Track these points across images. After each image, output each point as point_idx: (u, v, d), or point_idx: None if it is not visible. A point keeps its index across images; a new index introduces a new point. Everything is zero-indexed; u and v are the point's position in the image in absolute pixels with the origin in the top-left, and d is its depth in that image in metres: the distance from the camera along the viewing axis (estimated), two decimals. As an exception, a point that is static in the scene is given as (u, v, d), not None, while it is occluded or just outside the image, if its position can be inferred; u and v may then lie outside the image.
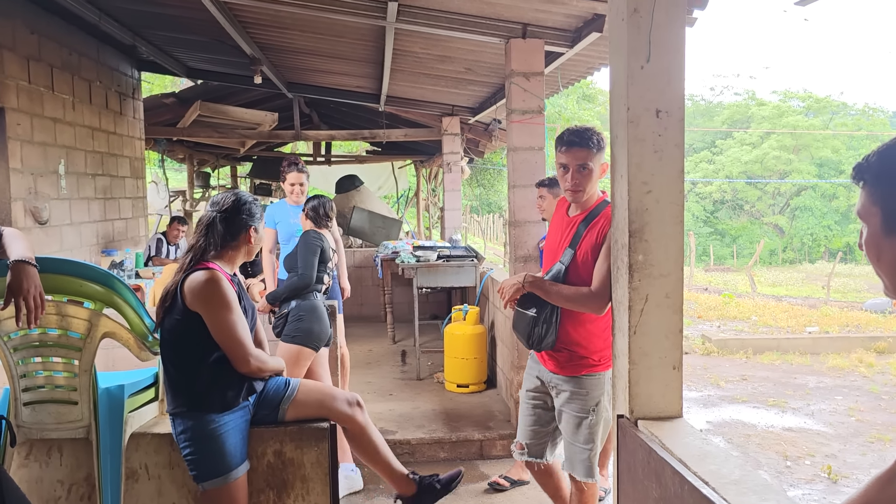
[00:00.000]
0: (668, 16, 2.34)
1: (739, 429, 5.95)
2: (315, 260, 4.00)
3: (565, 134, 2.70)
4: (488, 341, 5.85)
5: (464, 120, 8.79)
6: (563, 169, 2.70)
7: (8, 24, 5.09)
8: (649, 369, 2.40)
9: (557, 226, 2.88)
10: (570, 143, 2.66)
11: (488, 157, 15.24)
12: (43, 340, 2.33)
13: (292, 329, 3.89)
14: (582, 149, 2.66)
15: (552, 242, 2.88)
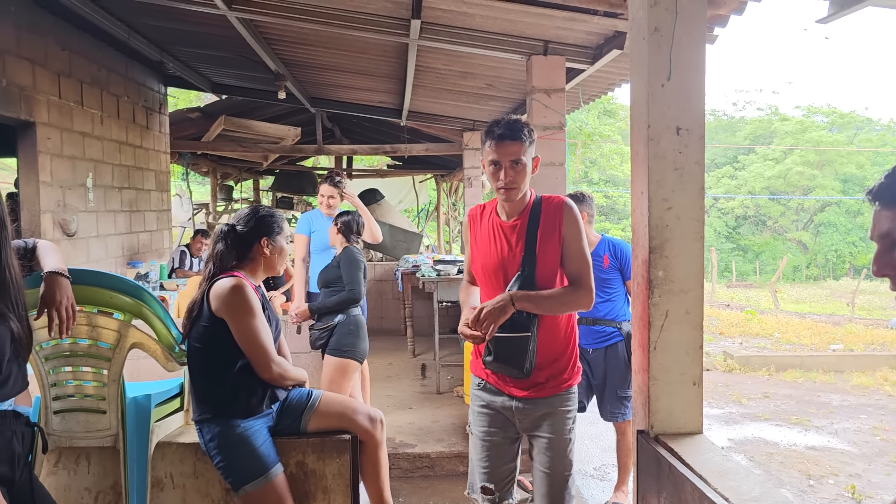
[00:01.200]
0: (689, 35, 2.37)
1: (761, 447, 5.89)
2: (361, 276, 4.16)
3: (494, 127, 2.40)
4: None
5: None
6: (493, 166, 2.40)
7: (40, 42, 5.23)
8: (669, 385, 2.41)
9: (489, 235, 2.52)
10: (501, 137, 2.36)
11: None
12: (73, 350, 2.39)
13: (342, 343, 4.08)
14: (514, 142, 2.37)
15: (490, 255, 2.50)
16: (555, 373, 2.49)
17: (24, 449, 1.95)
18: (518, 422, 2.52)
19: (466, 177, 9.04)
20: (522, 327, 2.36)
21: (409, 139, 9.55)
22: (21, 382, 1.95)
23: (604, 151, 22.35)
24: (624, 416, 4.02)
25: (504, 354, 2.38)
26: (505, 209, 2.50)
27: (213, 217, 12.25)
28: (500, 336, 2.34)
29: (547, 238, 2.43)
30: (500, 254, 2.48)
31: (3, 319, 1.86)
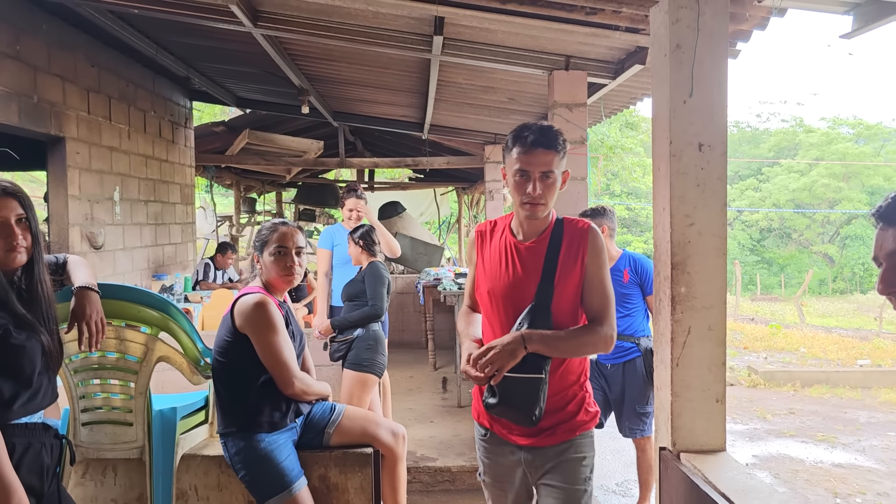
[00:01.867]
0: (711, 51, 2.37)
1: (787, 464, 5.82)
2: (384, 291, 4.20)
3: (524, 132, 2.09)
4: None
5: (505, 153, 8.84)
6: (520, 176, 2.08)
7: (70, 58, 5.34)
8: (692, 402, 2.40)
9: (500, 256, 2.19)
10: (533, 144, 2.06)
11: (530, 185, 15.24)
12: (102, 363, 2.44)
13: (361, 357, 4.13)
14: (547, 151, 2.07)
15: (499, 279, 2.17)
16: (565, 417, 2.17)
17: (52, 461, 1.99)
18: (529, 474, 2.20)
19: (488, 189, 9.05)
20: (534, 367, 2.02)
21: (430, 152, 9.60)
22: (51, 395, 2.00)
23: (626, 164, 22.28)
24: (643, 432, 4.00)
25: (510, 398, 2.03)
26: (523, 228, 2.18)
27: (237, 229, 12.37)
28: (508, 376, 2.01)
29: (568, 266, 2.11)
30: (512, 279, 2.14)
31: (35, 333, 1.91)
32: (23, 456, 1.88)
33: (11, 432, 1.85)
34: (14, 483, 1.76)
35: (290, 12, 4.29)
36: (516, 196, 2.12)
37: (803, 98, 69.68)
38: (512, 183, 2.13)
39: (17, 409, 1.88)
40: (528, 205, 2.10)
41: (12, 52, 4.58)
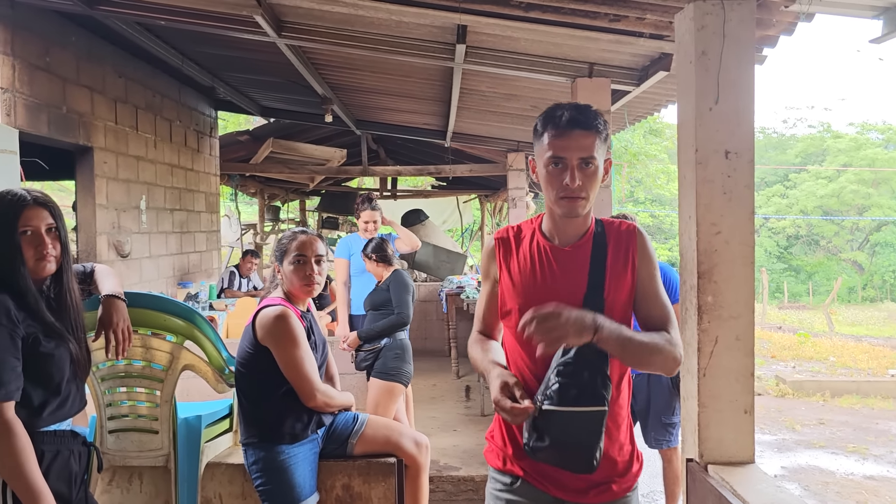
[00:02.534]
0: (737, 57, 2.35)
1: (816, 475, 5.71)
2: (410, 299, 4.21)
3: (560, 112, 1.71)
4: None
5: (529, 155, 8.82)
6: (554, 165, 1.69)
7: (98, 70, 5.43)
8: (719, 412, 2.36)
9: (534, 264, 1.80)
10: (569, 124, 1.67)
11: (553, 192, 15.18)
12: (128, 371, 2.46)
13: (388, 367, 4.15)
14: (587, 133, 1.68)
15: (535, 292, 1.76)
16: (621, 469, 1.77)
17: (81, 468, 2.02)
18: None
19: (511, 197, 9.03)
20: (596, 398, 1.59)
21: (453, 160, 9.60)
22: (79, 402, 2.02)
23: (650, 171, 22.13)
24: (669, 443, 3.95)
25: (564, 438, 1.59)
26: (558, 229, 1.79)
27: (261, 237, 12.46)
28: (560, 411, 1.57)
29: (618, 274, 1.76)
30: (552, 292, 1.72)
31: (63, 341, 1.93)
32: (51, 463, 1.90)
33: (40, 440, 1.87)
34: (43, 489, 1.79)
35: (314, 22, 4.32)
36: (550, 191, 1.73)
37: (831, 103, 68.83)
38: (544, 175, 1.73)
39: (47, 417, 1.91)
40: (565, 200, 1.70)
41: (42, 64, 4.66)
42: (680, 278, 2.50)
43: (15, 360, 1.82)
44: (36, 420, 1.88)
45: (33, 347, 1.87)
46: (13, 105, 4.31)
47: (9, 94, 4.26)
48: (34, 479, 1.78)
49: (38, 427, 1.89)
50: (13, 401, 1.80)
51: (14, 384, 1.81)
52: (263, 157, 8.88)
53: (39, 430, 1.89)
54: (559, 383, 1.59)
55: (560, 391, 1.58)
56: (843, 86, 68.65)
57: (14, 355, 1.82)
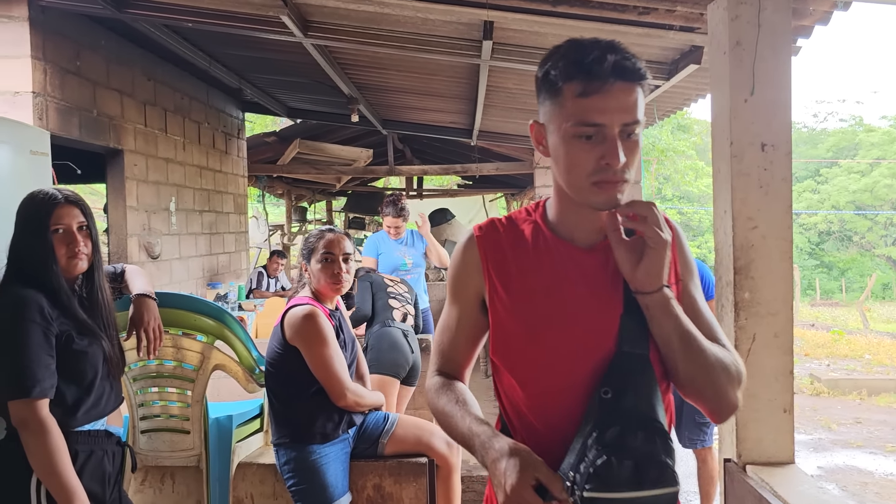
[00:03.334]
0: (773, 47, 2.29)
1: (854, 476, 5.58)
2: (367, 295, 4.11)
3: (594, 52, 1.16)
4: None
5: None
6: (587, 137, 1.15)
7: (127, 73, 5.49)
8: (757, 412, 2.31)
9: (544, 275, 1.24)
10: (614, 72, 1.14)
11: (579, 189, 15.09)
12: (160, 371, 2.47)
13: (367, 360, 4.05)
14: (632, 86, 1.16)
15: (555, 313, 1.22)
16: None
17: (115, 468, 2.02)
18: None
19: (538, 195, 8.98)
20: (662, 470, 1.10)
21: (479, 158, 9.57)
22: (114, 401, 2.03)
23: (678, 167, 21.89)
24: (703, 442, 3.88)
25: None
26: (576, 225, 1.27)
27: (288, 238, 12.54)
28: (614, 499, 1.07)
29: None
30: (575, 310, 1.23)
31: (97, 339, 1.94)
32: (85, 463, 1.91)
33: (75, 439, 1.88)
34: (77, 488, 1.80)
35: (340, 21, 4.32)
36: (575, 171, 1.18)
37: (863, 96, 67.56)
38: (563, 149, 1.19)
39: (81, 416, 1.92)
40: (603, 185, 1.16)
41: (73, 68, 4.72)
42: (715, 275, 2.45)
43: (49, 358, 1.83)
44: (70, 419, 1.89)
45: (67, 345, 1.88)
46: (45, 109, 4.37)
47: (40, 97, 4.32)
48: (68, 478, 1.78)
49: (72, 426, 1.90)
50: (47, 398, 1.81)
51: (48, 381, 1.81)
52: (290, 158, 8.93)
53: (74, 429, 1.89)
54: (604, 455, 1.07)
55: (607, 467, 1.07)
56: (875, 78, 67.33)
57: (48, 353, 1.82)
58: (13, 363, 1.79)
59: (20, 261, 1.91)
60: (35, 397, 1.77)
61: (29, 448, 1.78)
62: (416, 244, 5.26)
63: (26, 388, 1.77)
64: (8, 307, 1.84)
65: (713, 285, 3.86)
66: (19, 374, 1.78)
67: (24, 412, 1.77)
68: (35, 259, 1.89)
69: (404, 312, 4.20)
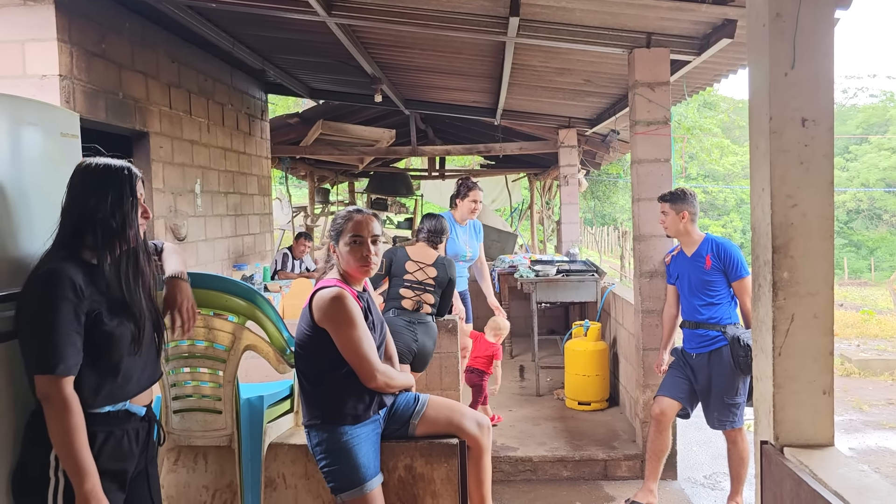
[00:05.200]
0: (815, 18, 2.21)
1: (888, 458, 5.51)
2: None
3: None
4: (610, 358, 5.71)
5: (580, 132, 8.67)
6: None
7: (152, 55, 5.48)
8: (796, 393, 2.26)
9: None
10: None
11: (603, 168, 14.96)
12: (192, 352, 2.47)
13: None
14: None
15: None
16: None
17: (138, 444, 2.04)
18: None
19: (563, 175, 8.89)
20: None
21: (502, 138, 9.49)
22: (146, 380, 2.06)
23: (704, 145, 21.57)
24: (733, 423, 3.84)
25: None
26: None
27: (311, 219, 12.57)
28: None
29: None
30: None
31: (128, 318, 1.96)
32: (104, 444, 1.92)
33: (92, 421, 1.88)
34: (91, 468, 1.82)
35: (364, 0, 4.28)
36: None
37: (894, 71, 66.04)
38: None
39: (105, 395, 1.93)
40: None
41: (98, 51, 4.72)
42: (752, 254, 2.39)
43: (76, 336, 1.83)
44: (95, 398, 1.90)
45: (96, 323, 1.88)
46: (72, 92, 4.38)
47: (67, 80, 4.33)
48: (83, 457, 1.81)
49: (96, 405, 1.91)
50: (72, 376, 1.82)
51: (73, 360, 1.82)
52: (313, 139, 8.91)
53: (93, 410, 1.90)
54: None
55: None
56: (906, 52, 65.69)
57: (76, 330, 1.83)
58: (42, 338, 1.80)
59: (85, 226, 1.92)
60: (59, 374, 1.79)
61: (49, 423, 1.80)
62: (476, 235, 5.30)
63: (51, 364, 1.79)
64: (41, 280, 1.84)
65: (743, 263, 3.81)
66: (46, 349, 1.79)
67: (48, 387, 1.79)
68: (113, 224, 1.92)
69: (417, 301, 4.14)
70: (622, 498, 4.09)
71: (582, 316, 6.96)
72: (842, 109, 40.39)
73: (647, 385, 4.44)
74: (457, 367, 4.36)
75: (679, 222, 3.91)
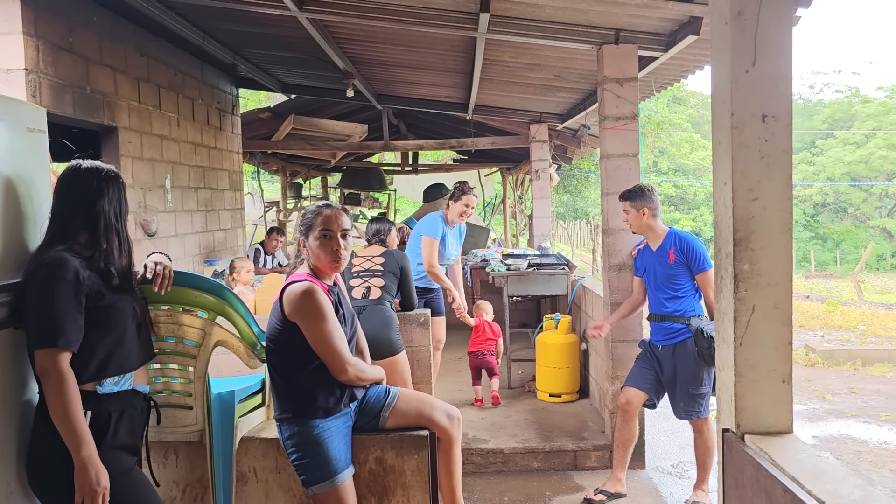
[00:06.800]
0: (775, 16, 2.27)
1: (849, 445, 5.66)
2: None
3: None
4: (580, 351, 5.78)
5: (552, 126, 8.74)
6: None
7: (120, 49, 5.42)
8: (756, 382, 2.32)
9: None
10: None
11: (575, 163, 15.08)
12: (161, 348, 2.47)
13: None
14: None
15: None
16: None
17: (142, 421, 2.23)
18: None
19: (534, 169, 8.95)
20: None
21: (474, 133, 9.53)
22: (144, 355, 2.24)
23: (673, 140, 21.81)
24: (699, 413, 3.92)
25: None
26: None
27: (284, 215, 12.51)
28: None
29: None
30: None
31: (126, 295, 2.16)
32: (119, 422, 2.08)
33: (106, 401, 2.06)
34: (86, 436, 1.94)
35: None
36: None
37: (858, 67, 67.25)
38: None
39: (113, 366, 2.08)
40: None
41: (66, 45, 4.66)
42: (714, 246, 2.45)
43: (77, 314, 1.98)
44: (104, 369, 2.05)
45: (98, 300, 2.04)
46: (38, 86, 4.32)
47: (33, 74, 4.27)
48: (80, 426, 1.94)
49: (106, 374, 2.06)
50: (71, 351, 1.96)
51: (73, 335, 1.97)
52: (285, 134, 8.87)
53: (104, 388, 2.06)
54: None
55: None
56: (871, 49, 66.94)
57: (77, 309, 1.98)
58: (44, 315, 1.95)
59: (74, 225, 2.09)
60: (60, 347, 1.93)
61: (48, 396, 1.94)
62: (461, 238, 5.44)
63: (53, 337, 1.93)
64: (46, 264, 1.99)
65: (706, 256, 3.90)
66: (49, 324, 1.94)
67: (47, 361, 1.92)
68: (110, 222, 2.13)
69: (366, 287, 4.23)
70: (591, 488, 4.16)
71: (553, 309, 7.03)
72: (808, 105, 41.09)
73: (617, 377, 4.51)
74: (429, 360, 4.38)
75: (641, 219, 3.98)
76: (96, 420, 2.02)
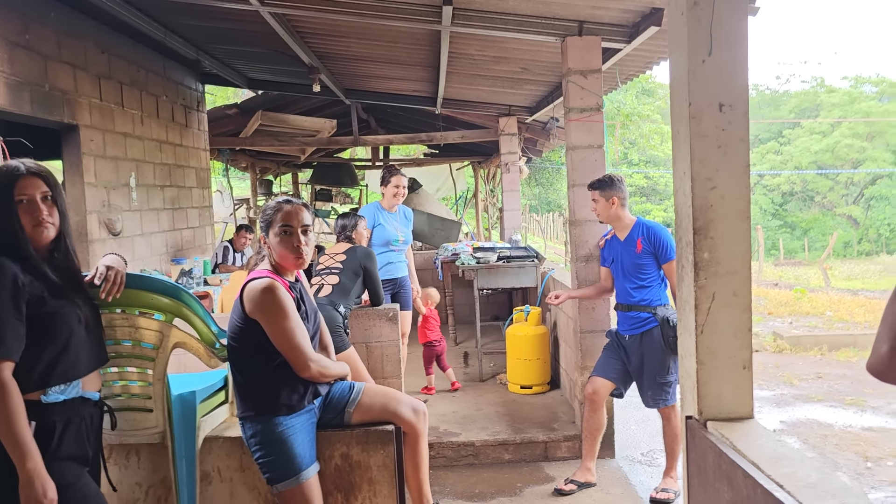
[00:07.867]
0: (730, 7, 2.29)
1: (815, 429, 5.75)
2: None
3: None
4: (551, 342, 5.80)
5: (521, 119, 8.74)
6: None
7: (80, 45, 5.32)
8: (717, 369, 2.35)
9: None
10: None
11: (546, 156, 15.13)
12: (118, 352, 2.42)
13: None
14: None
15: None
16: None
17: (93, 429, 2.13)
18: None
19: (504, 163, 8.96)
20: None
21: (444, 127, 9.51)
22: (94, 360, 2.14)
23: (643, 132, 21.97)
24: (666, 402, 3.96)
25: None
26: None
27: (254, 212, 12.39)
28: None
29: None
30: None
31: (69, 301, 2.05)
32: (64, 431, 1.99)
33: (50, 411, 1.97)
34: (32, 448, 1.87)
35: (296, -12, 4.23)
36: None
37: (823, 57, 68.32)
38: None
39: (59, 374, 1.99)
40: None
41: (22, 41, 4.56)
42: (675, 236, 2.47)
43: (17, 322, 1.90)
44: (48, 377, 1.97)
45: (39, 306, 1.95)
46: (-7, 84, 4.22)
47: (-13, 72, 4.17)
48: (24, 438, 1.86)
49: (51, 383, 1.97)
50: (12, 361, 1.88)
51: (14, 343, 1.89)
52: (253, 130, 8.78)
53: (50, 397, 1.96)
54: None
55: None
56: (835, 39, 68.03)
57: (16, 317, 1.90)
58: None
59: None
60: (0, 357, 1.86)
61: None
62: (407, 222, 5.37)
63: None
64: None
65: (673, 246, 3.93)
66: None
67: None
68: (3, 229, 1.96)
69: (320, 284, 4.23)
70: (562, 478, 4.18)
71: (524, 301, 7.05)
72: (775, 95, 41.63)
73: (586, 367, 4.53)
74: (398, 355, 4.37)
75: (610, 208, 4.00)
76: (41, 431, 1.94)
